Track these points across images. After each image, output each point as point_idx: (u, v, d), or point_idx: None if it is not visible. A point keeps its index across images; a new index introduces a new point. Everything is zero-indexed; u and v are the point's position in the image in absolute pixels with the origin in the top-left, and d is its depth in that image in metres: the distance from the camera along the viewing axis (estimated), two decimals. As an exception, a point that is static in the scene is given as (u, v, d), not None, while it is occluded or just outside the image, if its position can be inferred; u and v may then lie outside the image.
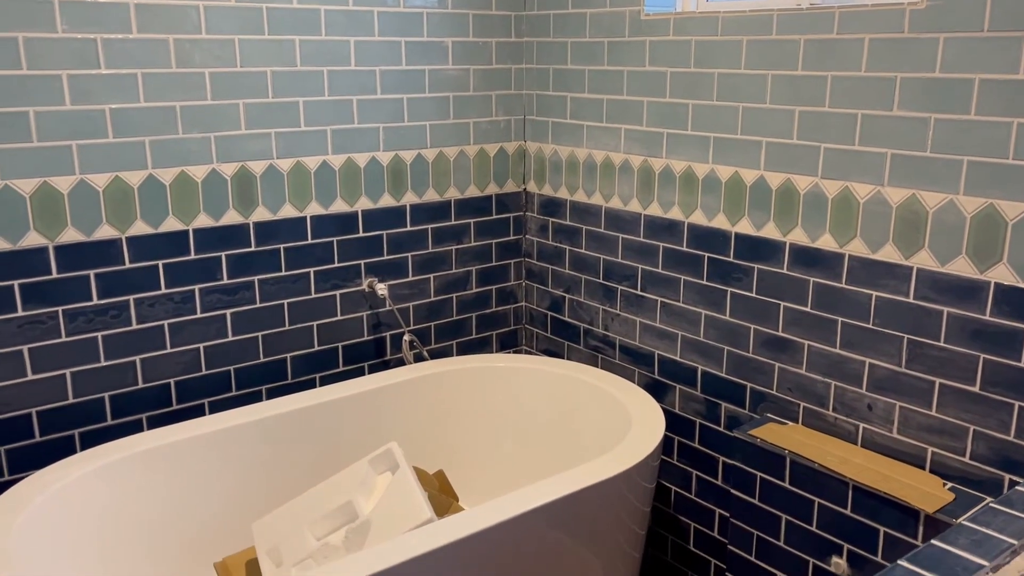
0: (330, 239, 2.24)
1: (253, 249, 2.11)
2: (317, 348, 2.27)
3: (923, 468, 1.69)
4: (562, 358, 2.56)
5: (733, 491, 1.92)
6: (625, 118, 2.22)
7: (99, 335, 1.93)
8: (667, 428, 2.24)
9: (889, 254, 1.69)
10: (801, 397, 1.91)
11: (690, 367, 2.16)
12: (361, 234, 2.29)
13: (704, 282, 2.08)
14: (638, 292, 2.27)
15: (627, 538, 1.95)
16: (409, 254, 2.40)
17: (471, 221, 2.50)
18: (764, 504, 1.85)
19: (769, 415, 1.98)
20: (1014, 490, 1.19)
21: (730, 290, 2.02)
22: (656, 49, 2.10)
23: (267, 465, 2.05)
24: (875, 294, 1.72)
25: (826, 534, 1.73)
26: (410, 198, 2.36)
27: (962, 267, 1.58)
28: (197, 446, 1.94)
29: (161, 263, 1.99)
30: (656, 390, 2.26)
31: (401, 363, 2.43)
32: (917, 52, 1.59)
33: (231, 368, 2.14)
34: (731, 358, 2.05)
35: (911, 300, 1.67)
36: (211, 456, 1.96)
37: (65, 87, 1.79)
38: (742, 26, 1.89)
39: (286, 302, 2.19)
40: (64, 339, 1.89)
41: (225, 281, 2.09)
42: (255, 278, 2.13)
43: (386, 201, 2.32)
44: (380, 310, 2.38)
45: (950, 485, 1.63)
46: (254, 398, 2.19)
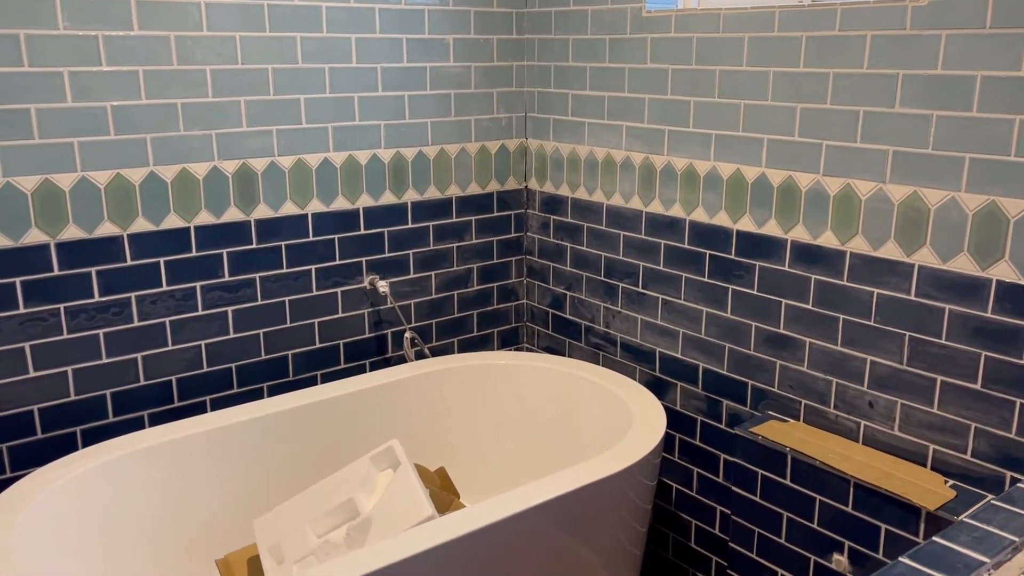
0: (331, 236, 2.24)
1: (254, 246, 2.11)
2: (318, 345, 2.28)
3: (924, 465, 1.69)
4: (563, 356, 2.56)
5: (734, 488, 1.92)
6: (626, 115, 2.22)
7: (100, 332, 1.93)
8: (668, 425, 2.24)
9: (891, 251, 1.69)
10: (802, 394, 1.91)
11: (691, 364, 2.16)
12: (362, 231, 2.29)
13: (705, 279, 2.08)
14: (639, 290, 2.27)
15: (628, 535, 1.95)
16: (410, 251, 2.40)
17: (472, 218, 2.50)
18: (765, 501, 1.85)
19: (770, 412, 1.98)
20: (1015, 487, 1.19)
21: (731, 287, 2.02)
22: (657, 46, 2.10)
23: (268, 462, 2.05)
24: (876, 291, 1.72)
25: (827, 531, 1.73)
26: (411, 195, 2.36)
27: (964, 264, 1.58)
28: (198, 443, 1.94)
29: (162, 260, 1.99)
30: (657, 387, 2.26)
31: (402, 360, 2.43)
32: (919, 49, 1.59)
33: (232, 365, 2.14)
34: (732, 355, 2.05)
35: (912, 297, 1.66)
36: (213, 453, 1.96)
37: (66, 84, 1.79)
38: (744, 23, 1.89)
39: (287, 299, 2.20)
40: (66, 336, 1.89)
41: (226, 278, 2.09)
42: (256, 275, 2.13)
43: (387, 198, 2.32)
44: (381, 307, 2.38)
45: (951, 482, 1.63)
46: (255, 395, 2.19)
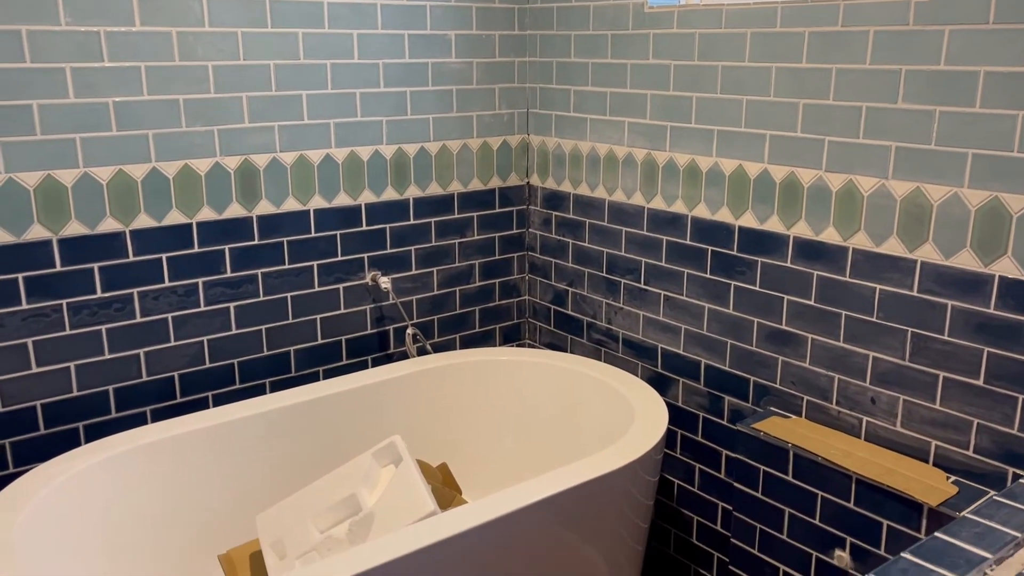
0: (333, 232, 2.24)
1: (256, 242, 2.11)
2: (320, 341, 2.28)
3: (926, 461, 1.69)
4: (565, 352, 2.56)
5: (736, 484, 1.92)
6: (628, 111, 2.22)
7: (103, 328, 1.93)
8: (670, 421, 2.24)
9: (893, 247, 1.69)
10: (804, 390, 1.91)
11: (693, 360, 2.16)
12: (364, 227, 2.29)
13: (707, 275, 2.08)
14: (641, 286, 2.27)
15: (630, 531, 1.95)
16: (412, 248, 2.40)
17: (474, 215, 2.50)
18: (767, 497, 1.85)
19: (772, 408, 1.98)
20: (1017, 483, 1.19)
21: (733, 283, 2.02)
22: (660, 42, 2.10)
23: (271, 458, 2.05)
24: (879, 287, 1.72)
25: (829, 527, 1.73)
26: (413, 191, 2.36)
27: (966, 260, 1.58)
28: (201, 439, 1.95)
29: (165, 256, 1.99)
30: (659, 384, 2.26)
31: (404, 357, 2.44)
32: (922, 45, 1.58)
33: (235, 361, 2.14)
34: (734, 351, 2.05)
35: (915, 293, 1.66)
36: (215, 449, 1.97)
37: (69, 80, 1.79)
38: (746, 18, 1.88)
39: (289, 295, 2.20)
40: (68, 332, 1.89)
41: (229, 274, 2.09)
42: (258, 271, 2.13)
43: (389, 194, 2.32)
44: (383, 303, 2.38)
45: (953, 478, 1.63)
46: (258, 391, 2.19)
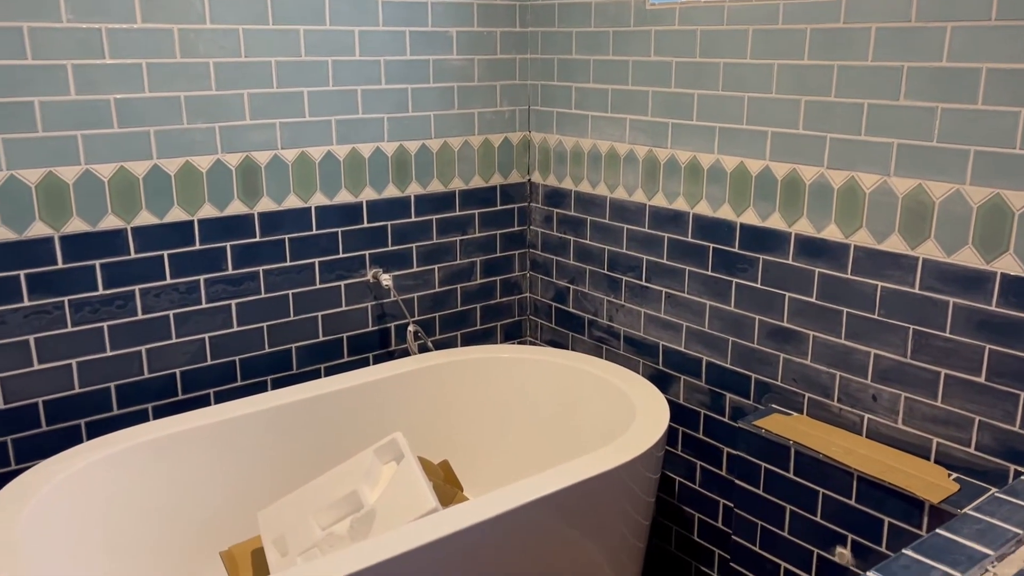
0: (335, 230, 2.24)
1: (258, 239, 2.12)
2: (322, 339, 2.28)
3: (928, 459, 1.69)
4: (566, 349, 2.56)
5: (737, 481, 1.92)
6: (630, 108, 2.21)
7: (105, 325, 1.94)
8: (671, 419, 2.24)
9: (895, 244, 1.69)
10: (806, 388, 1.91)
11: (695, 358, 2.16)
12: (366, 225, 2.29)
13: (709, 273, 2.08)
14: (643, 283, 2.27)
15: (631, 528, 1.95)
16: (413, 245, 2.40)
17: (476, 212, 2.50)
18: (768, 494, 1.85)
19: (773, 406, 1.98)
20: (1019, 480, 1.19)
21: (735, 281, 2.02)
22: (661, 39, 2.09)
23: (272, 455, 2.05)
24: (880, 285, 1.72)
25: (830, 524, 1.73)
26: (414, 188, 2.36)
27: (968, 257, 1.57)
28: (202, 436, 1.95)
29: (166, 253, 1.99)
30: (660, 381, 2.26)
31: (406, 354, 2.44)
32: (924, 41, 1.58)
33: (236, 358, 2.14)
34: (736, 349, 2.05)
35: (917, 291, 1.66)
36: (216, 446, 1.97)
37: (70, 77, 1.79)
38: (748, 15, 1.88)
39: (291, 292, 2.20)
40: (70, 329, 1.89)
41: (230, 271, 2.09)
42: (260, 268, 2.13)
43: (390, 192, 2.32)
44: (385, 301, 2.38)
45: (955, 476, 1.63)
46: (259, 388, 2.19)
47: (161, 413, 2.05)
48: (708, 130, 2.02)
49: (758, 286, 1.97)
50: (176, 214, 1.99)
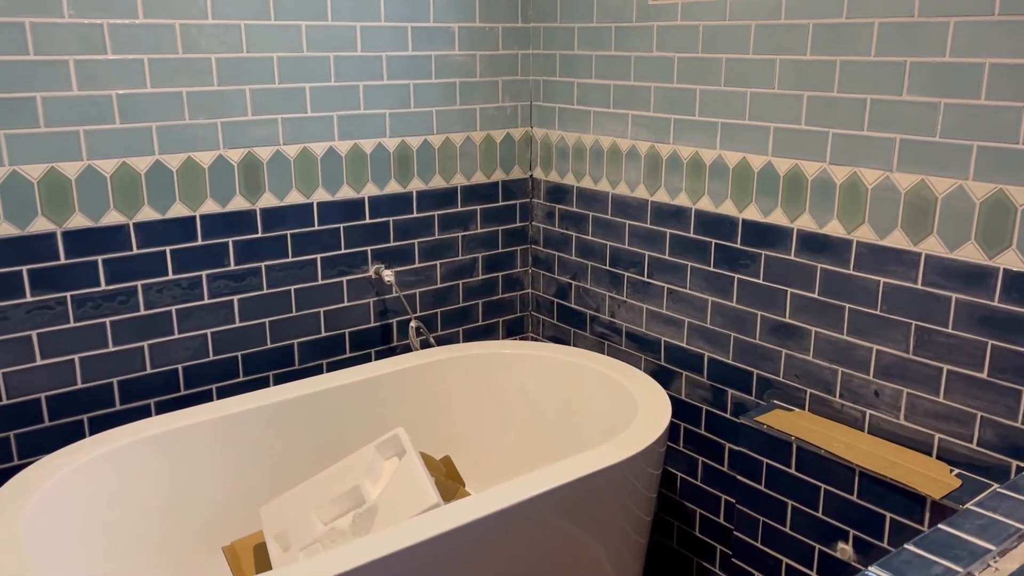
0: (337, 225, 2.24)
1: (260, 235, 2.12)
2: (324, 334, 2.28)
3: (930, 454, 1.69)
4: (568, 345, 2.56)
5: (739, 477, 1.92)
6: (632, 104, 2.21)
7: (107, 320, 1.94)
8: (673, 414, 2.24)
9: (897, 240, 1.68)
10: (808, 383, 1.90)
11: (696, 354, 2.16)
12: (368, 220, 2.29)
13: (711, 268, 2.08)
14: (645, 279, 2.27)
15: (632, 524, 1.96)
16: (415, 241, 2.40)
17: (477, 208, 2.50)
18: (770, 490, 1.85)
19: (775, 402, 1.98)
20: (1021, 476, 1.19)
21: (737, 276, 2.02)
22: (663, 34, 2.09)
23: (274, 450, 2.06)
24: (883, 280, 1.72)
25: (832, 520, 1.73)
26: (416, 184, 2.36)
27: (971, 253, 1.57)
28: (205, 431, 1.95)
29: (168, 249, 1.99)
30: (662, 377, 2.26)
31: (408, 349, 2.44)
32: (927, 36, 1.58)
33: (238, 354, 2.14)
34: (738, 344, 2.05)
35: (919, 286, 1.66)
36: (219, 441, 1.97)
37: (72, 72, 1.79)
38: (750, 10, 1.88)
39: (293, 288, 2.20)
40: (72, 324, 1.89)
41: (232, 267, 2.09)
42: (262, 264, 2.14)
43: (392, 187, 2.32)
44: (387, 296, 2.38)
45: (957, 471, 1.63)
46: (261, 384, 2.20)
47: (163, 409, 2.05)
48: (710, 126, 2.02)
49: (760, 282, 1.96)
50: (178, 210, 1.99)
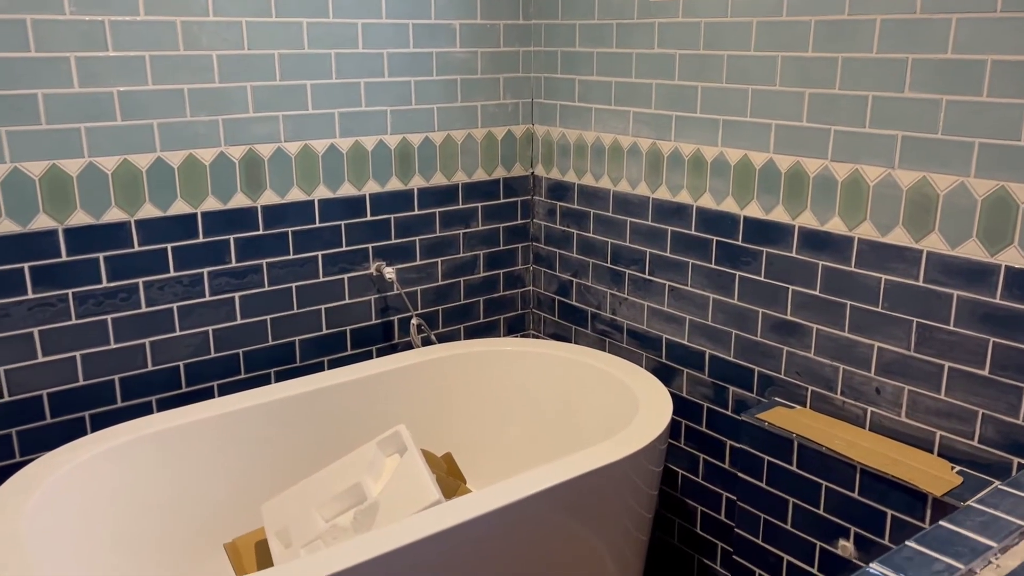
0: (338, 223, 2.24)
1: (261, 232, 2.12)
2: (325, 332, 2.28)
3: (931, 452, 1.69)
4: (569, 342, 2.56)
5: (740, 474, 1.92)
6: (634, 101, 2.21)
7: (108, 318, 1.94)
8: (674, 412, 2.24)
9: (899, 237, 1.68)
10: (809, 381, 1.90)
11: (698, 351, 2.16)
12: (369, 218, 2.29)
13: (712, 266, 2.07)
14: (646, 276, 2.27)
15: (634, 521, 1.96)
16: (417, 238, 2.40)
17: (479, 205, 2.50)
18: (771, 487, 1.85)
19: (777, 399, 1.98)
20: (1022, 472, 1.19)
21: (738, 274, 2.02)
22: (665, 31, 2.09)
23: (276, 447, 2.06)
24: (884, 277, 1.72)
25: (833, 517, 1.73)
26: (417, 182, 2.36)
27: (972, 250, 1.57)
28: (206, 428, 1.95)
29: (170, 246, 1.99)
30: (664, 374, 2.26)
31: (409, 347, 2.44)
32: (929, 33, 1.58)
33: (240, 351, 2.15)
34: (739, 342, 2.05)
35: (920, 283, 1.66)
36: (220, 438, 1.97)
37: (73, 69, 1.79)
38: (751, 7, 1.88)
39: (294, 285, 2.20)
40: (74, 322, 1.89)
41: (233, 264, 2.09)
42: (263, 261, 2.14)
43: (394, 185, 2.32)
44: (388, 294, 2.38)
45: (958, 468, 1.63)
46: (263, 381, 2.20)
47: (165, 406, 2.05)
48: (712, 123, 2.01)
49: (761, 279, 1.96)
50: (179, 207, 1.99)
